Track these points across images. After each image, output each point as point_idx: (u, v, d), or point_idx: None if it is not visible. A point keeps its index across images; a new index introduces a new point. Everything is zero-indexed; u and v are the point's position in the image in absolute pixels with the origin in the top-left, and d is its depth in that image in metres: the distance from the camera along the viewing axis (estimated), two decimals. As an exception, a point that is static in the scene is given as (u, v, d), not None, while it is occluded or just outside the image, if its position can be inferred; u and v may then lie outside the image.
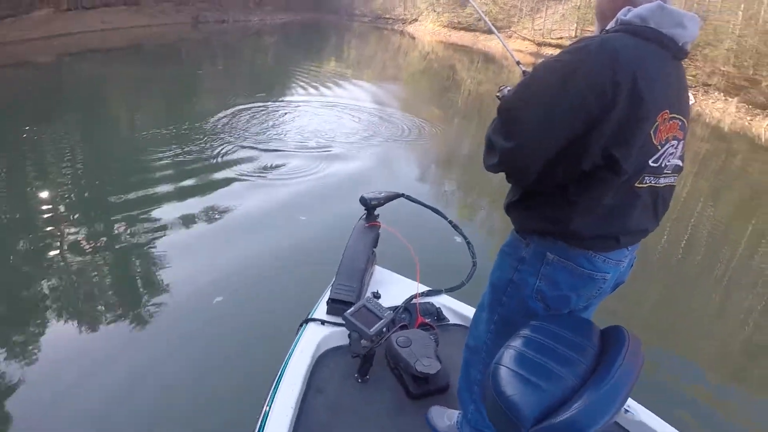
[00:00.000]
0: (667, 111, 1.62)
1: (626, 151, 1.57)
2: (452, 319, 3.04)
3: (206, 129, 9.27)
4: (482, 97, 18.47)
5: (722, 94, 24.59)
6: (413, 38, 37.99)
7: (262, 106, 11.53)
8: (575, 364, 1.53)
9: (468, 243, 3.35)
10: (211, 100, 11.33)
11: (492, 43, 32.35)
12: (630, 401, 2.38)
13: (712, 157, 14.32)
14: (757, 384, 4.65)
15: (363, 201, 3.25)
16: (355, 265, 3.00)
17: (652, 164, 1.65)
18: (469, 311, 2.98)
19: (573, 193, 1.66)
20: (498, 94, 2.02)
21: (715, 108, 24.06)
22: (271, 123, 10.29)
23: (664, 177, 1.72)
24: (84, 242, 5.35)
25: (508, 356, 1.55)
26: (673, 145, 1.68)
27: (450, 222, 3.45)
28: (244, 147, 8.38)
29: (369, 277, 3.15)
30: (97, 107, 10.62)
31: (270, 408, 2.24)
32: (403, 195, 3.39)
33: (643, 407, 2.36)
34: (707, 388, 4.33)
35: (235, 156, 7.96)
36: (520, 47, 31.49)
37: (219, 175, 7.11)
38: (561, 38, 29.99)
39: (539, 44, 30.67)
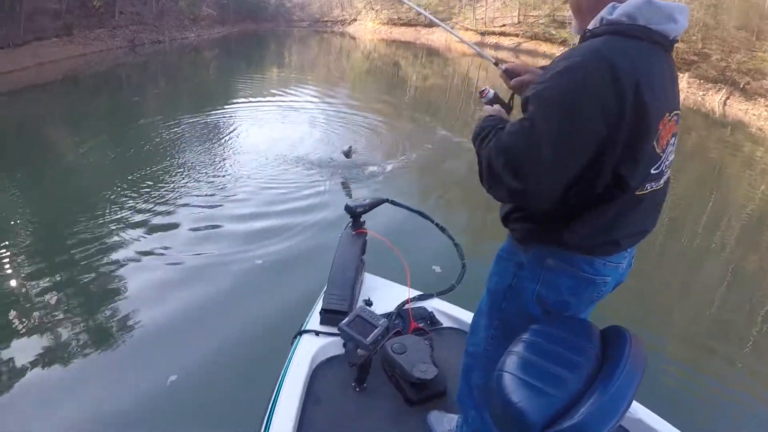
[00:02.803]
0: (667, 114, 1.56)
1: (634, 168, 1.54)
2: (445, 323, 3.02)
3: (158, 171, 8.40)
4: (431, 90, 18.48)
5: (673, 70, 25.03)
6: (354, 39, 38.07)
7: (206, 130, 11.04)
8: (579, 367, 1.52)
9: (456, 245, 3.33)
10: (151, 130, 10.92)
11: (434, 36, 32.50)
12: None
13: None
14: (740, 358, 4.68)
15: (348, 209, 3.26)
16: (345, 273, 2.99)
17: (653, 172, 1.61)
18: (461, 314, 3.00)
19: (575, 209, 1.64)
20: (483, 100, 1.98)
21: (666, 85, 24.48)
22: (220, 158, 9.28)
23: (663, 177, 1.69)
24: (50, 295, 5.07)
25: (511, 362, 1.56)
26: (672, 144, 1.65)
27: (436, 224, 3.43)
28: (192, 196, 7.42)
29: (359, 285, 3.12)
30: (29, 155, 10.02)
31: (270, 421, 2.24)
32: (387, 200, 3.42)
33: (639, 404, 2.35)
34: (692, 374, 4.33)
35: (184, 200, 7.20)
36: (463, 38, 31.66)
37: (186, 226, 6.47)
38: (504, 26, 30.28)
39: (482, 33, 30.85)
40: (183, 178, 8.05)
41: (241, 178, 8.03)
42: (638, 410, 2.30)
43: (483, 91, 1.99)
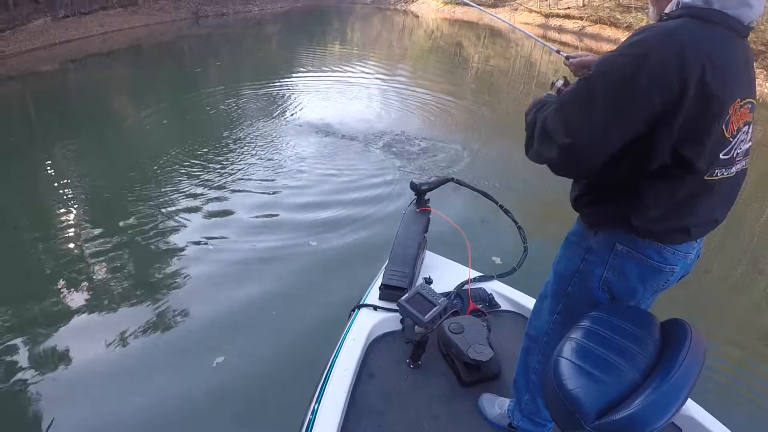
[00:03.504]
0: (739, 99, 1.56)
1: (699, 150, 1.54)
2: (504, 306, 3.01)
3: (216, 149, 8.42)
4: (491, 71, 18.25)
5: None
6: (417, 17, 37.59)
7: (267, 104, 11.10)
8: (637, 357, 1.52)
9: (519, 228, 3.31)
10: (212, 101, 11.18)
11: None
12: None
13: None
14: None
15: (413, 186, 3.26)
16: (407, 251, 3.02)
17: (723, 157, 1.60)
18: (521, 297, 2.99)
19: (643, 191, 1.63)
20: (552, 92, 1.99)
21: (732, 77, 23.31)
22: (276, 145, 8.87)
23: (736, 165, 1.67)
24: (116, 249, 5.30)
25: (569, 348, 1.57)
26: (744, 131, 1.63)
27: (501, 206, 3.41)
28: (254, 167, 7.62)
29: (420, 262, 3.14)
30: (92, 121, 10.37)
31: (323, 392, 2.29)
32: (452, 179, 3.41)
33: (693, 402, 2.27)
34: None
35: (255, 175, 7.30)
36: (527, 20, 30.90)
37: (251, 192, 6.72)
38: (569, 8, 29.46)
39: (546, 16, 30.12)
40: (242, 150, 8.16)
41: (302, 156, 8.04)
42: (691, 408, 2.24)
43: (553, 82, 2.00)
